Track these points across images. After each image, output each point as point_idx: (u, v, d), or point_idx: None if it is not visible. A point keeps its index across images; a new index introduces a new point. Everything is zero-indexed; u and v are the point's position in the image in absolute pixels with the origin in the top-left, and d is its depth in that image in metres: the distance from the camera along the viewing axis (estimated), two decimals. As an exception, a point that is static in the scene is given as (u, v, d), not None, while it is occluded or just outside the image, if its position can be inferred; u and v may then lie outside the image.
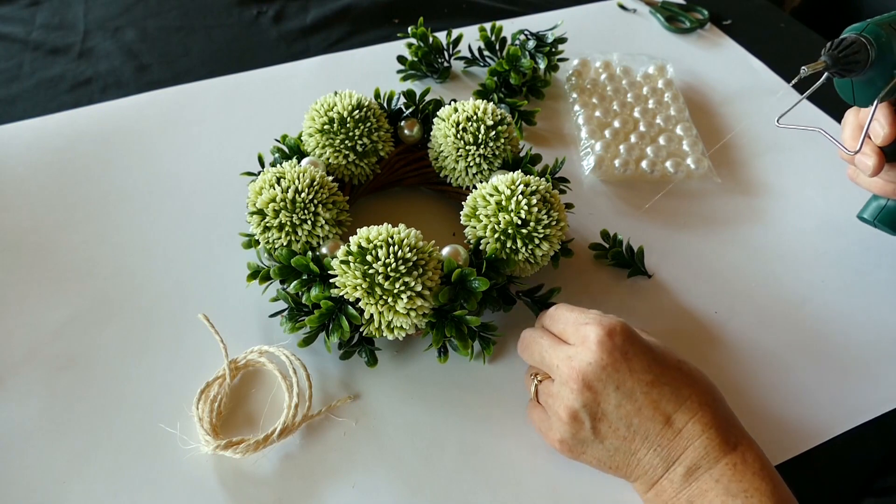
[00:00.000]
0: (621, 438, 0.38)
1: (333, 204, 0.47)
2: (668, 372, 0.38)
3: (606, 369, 0.38)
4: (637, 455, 0.38)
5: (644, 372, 0.38)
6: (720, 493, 0.36)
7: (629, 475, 0.39)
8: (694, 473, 0.37)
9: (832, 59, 0.40)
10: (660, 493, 0.38)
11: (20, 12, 0.79)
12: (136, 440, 0.43)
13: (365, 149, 0.53)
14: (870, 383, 0.49)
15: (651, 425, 0.37)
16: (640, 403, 0.37)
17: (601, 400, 0.38)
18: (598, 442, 0.39)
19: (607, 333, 0.38)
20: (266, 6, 0.83)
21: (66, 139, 0.63)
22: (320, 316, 0.43)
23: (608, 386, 0.38)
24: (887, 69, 0.41)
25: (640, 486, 0.40)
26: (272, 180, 0.46)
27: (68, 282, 0.51)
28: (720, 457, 0.37)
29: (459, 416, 0.45)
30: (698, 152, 0.64)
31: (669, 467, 0.37)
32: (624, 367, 0.38)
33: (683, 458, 0.37)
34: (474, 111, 0.53)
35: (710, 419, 0.37)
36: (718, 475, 0.36)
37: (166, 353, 0.47)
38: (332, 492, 0.41)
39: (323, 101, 0.53)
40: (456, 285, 0.44)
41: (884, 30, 0.40)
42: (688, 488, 0.37)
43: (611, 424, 0.38)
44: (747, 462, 0.37)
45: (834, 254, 0.57)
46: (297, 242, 0.46)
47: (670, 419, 0.37)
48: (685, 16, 0.84)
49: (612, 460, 0.39)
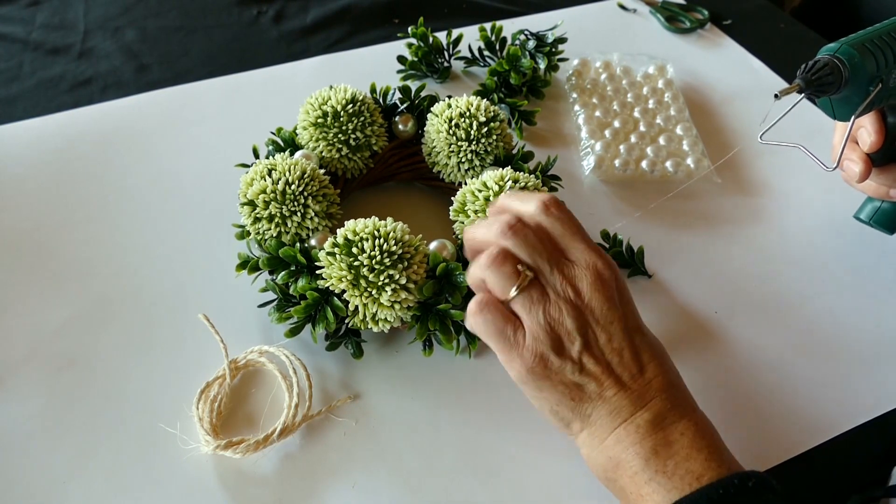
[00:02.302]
0: (599, 373, 0.36)
1: (324, 196, 0.48)
2: (642, 324, 0.39)
3: (609, 303, 0.37)
4: (606, 393, 0.37)
5: (632, 318, 0.38)
6: (685, 446, 0.36)
7: (585, 416, 0.37)
8: (661, 423, 0.36)
9: (805, 82, 0.41)
10: (622, 437, 0.36)
11: (20, 12, 0.79)
12: (136, 440, 0.43)
13: (358, 143, 0.53)
14: (870, 383, 0.49)
15: (629, 367, 0.37)
16: (625, 345, 0.37)
17: (595, 331, 0.36)
18: (576, 369, 0.36)
19: (611, 268, 0.38)
20: (266, 6, 0.83)
21: (66, 139, 0.63)
22: (306, 307, 0.43)
23: (604, 319, 0.36)
24: (862, 87, 0.42)
25: (595, 431, 0.37)
26: (263, 172, 0.47)
27: (68, 282, 0.51)
28: (684, 414, 0.37)
29: (460, 415, 0.45)
30: (698, 152, 0.64)
31: (636, 412, 0.36)
32: (619, 308, 0.37)
33: (651, 406, 0.36)
34: (467, 107, 0.53)
35: (673, 379, 0.38)
36: (683, 429, 0.36)
37: (166, 353, 0.47)
38: (332, 492, 0.41)
39: (318, 95, 0.53)
40: (441, 279, 0.44)
41: (857, 49, 0.41)
42: (653, 436, 0.36)
43: (596, 357, 0.36)
44: (706, 424, 0.37)
45: (834, 254, 0.57)
46: (286, 234, 0.47)
47: (644, 367, 0.37)
48: (685, 16, 0.84)
49: (579, 392, 0.37)
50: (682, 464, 0.35)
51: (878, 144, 0.47)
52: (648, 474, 0.35)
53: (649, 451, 0.36)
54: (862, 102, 0.42)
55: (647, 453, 0.36)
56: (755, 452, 0.44)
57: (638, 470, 0.36)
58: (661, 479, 0.35)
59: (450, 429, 0.44)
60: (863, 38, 0.42)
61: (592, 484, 0.42)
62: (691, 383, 0.40)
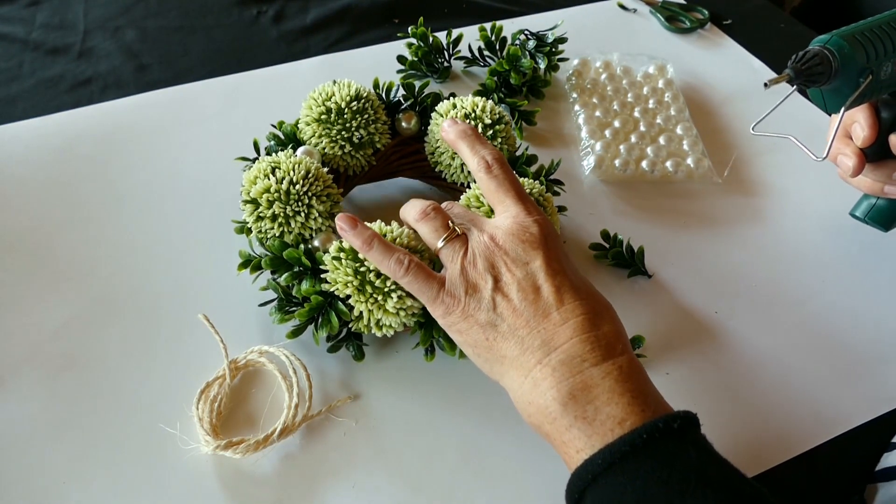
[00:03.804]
0: (511, 310, 0.37)
1: (328, 196, 0.48)
2: (572, 271, 0.39)
3: (525, 244, 0.39)
4: (518, 332, 0.37)
5: (555, 261, 0.38)
6: (606, 390, 0.34)
7: (502, 357, 0.38)
8: (579, 366, 0.35)
9: (795, 72, 0.42)
10: (537, 381, 0.36)
11: (20, 12, 0.79)
12: (136, 440, 0.43)
13: (361, 140, 0.53)
14: (870, 383, 0.49)
15: (543, 305, 0.37)
16: (541, 283, 0.38)
17: (508, 270, 0.38)
18: (489, 307, 0.38)
19: (534, 219, 0.40)
20: (266, 6, 0.83)
21: (66, 139, 0.63)
22: (310, 310, 0.43)
23: (519, 260, 0.38)
24: (852, 78, 0.42)
25: (513, 375, 0.37)
26: (267, 170, 0.46)
27: (68, 282, 0.51)
28: (607, 357, 0.35)
29: (460, 415, 0.45)
30: (698, 152, 0.64)
31: (549, 353, 0.36)
32: (540, 248, 0.38)
33: (567, 347, 0.36)
34: (473, 108, 0.53)
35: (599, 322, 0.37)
36: (605, 372, 0.35)
37: (166, 353, 0.47)
38: (332, 492, 0.41)
39: (321, 90, 0.53)
40: None
41: (847, 41, 0.41)
42: (569, 380, 0.35)
43: (507, 294, 0.38)
44: (633, 366, 0.36)
45: (833, 253, 0.57)
46: (289, 234, 0.46)
47: (562, 305, 0.37)
48: (685, 16, 0.84)
49: (493, 331, 0.38)
50: (603, 408, 0.34)
51: (870, 139, 0.48)
52: (568, 420, 0.34)
53: (566, 395, 0.34)
54: (852, 94, 0.42)
55: (565, 397, 0.34)
56: (755, 452, 0.44)
57: (557, 415, 0.35)
58: (581, 425, 0.34)
59: (450, 429, 0.44)
60: (854, 29, 0.43)
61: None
62: (691, 383, 0.40)
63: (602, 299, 0.39)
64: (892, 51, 0.43)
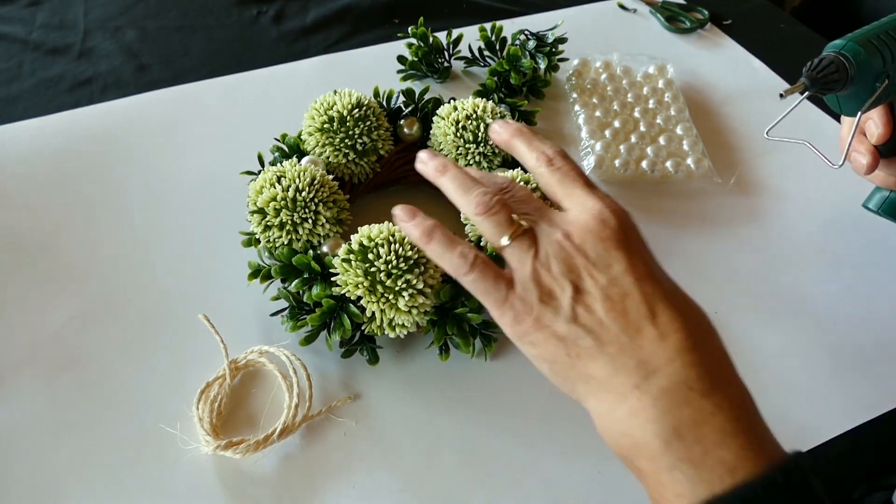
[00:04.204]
0: (597, 322, 0.32)
1: (334, 202, 0.48)
2: (662, 274, 0.34)
3: (604, 243, 0.33)
4: (607, 349, 0.32)
5: (643, 263, 0.33)
6: (716, 429, 0.29)
7: (589, 377, 0.32)
8: (685, 396, 0.30)
9: (810, 80, 0.41)
10: (636, 411, 0.30)
11: (20, 12, 0.79)
12: (136, 440, 0.43)
13: (365, 147, 0.53)
14: (870, 383, 0.49)
15: (634, 317, 0.32)
16: (628, 289, 0.32)
17: (590, 275, 0.32)
18: (570, 318, 0.32)
19: (614, 212, 0.34)
20: (266, 6, 0.83)
21: (66, 139, 0.63)
22: (322, 314, 0.43)
23: (600, 263, 0.33)
24: (868, 84, 0.42)
25: (604, 399, 0.32)
26: (273, 179, 0.46)
27: (68, 282, 0.51)
28: (714, 385, 0.31)
29: (460, 415, 0.45)
30: (698, 152, 0.64)
31: (648, 377, 0.31)
32: (623, 249, 0.33)
33: (670, 373, 0.30)
34: (474, 109, 0.53)
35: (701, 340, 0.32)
36: (714, 406, 0.30)
37: (166, 354, 0.47)
38: (332, 492, 0.41)
39: (323, 100, 0.53)
40: (457, 283, 0.44)
41: (863, 46, 0.41)
42: (674, 412, 0.30)
43: (589, 304, 0.32)
44: (745, 399, 0.32)
45: (834, 254, 0.57)
46: (297, 241, 0.46)
47: (656, 318, 0.31)
48: (685, 16, 0.84)
49: (576, 348, 0.32)
50: (713, 451, 0.29)
51: (885, 136, 0.48)
52: (670, 460, 0.29)
53: (670, 431, 0.30)
54: (869, 98, 0.42)
55: (668, 434, 0.30)
56: (755, 452, 0.44)
57: (657, 454, 0.30)
58: (686, 469, 0.29)
59: (450, 429, 0.44)
60: (868, 34, 0.42)
61: (592, 484, 0.42)
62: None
63: (696, 306, 0.34)
64: None
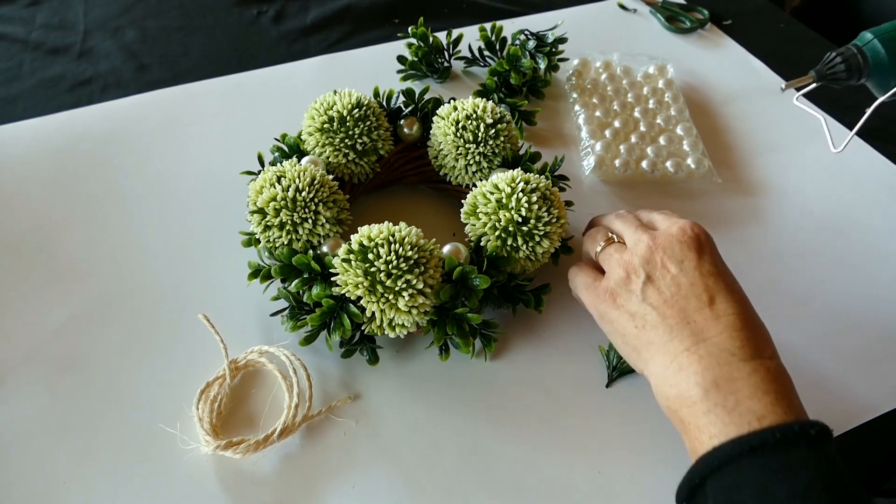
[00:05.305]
0: (662, 301, 0.39)
1: (334, 202, 0.48)
2: (729, 276, 0.41)
3: (681, 244, 0.41)
4: (668, 322, 0.39)
5: (710, 264, 0.40)
6: (750, 385, 0.35)
7: (650, 344, 0.40)
8: (727, 359, 0.36)
9: (819, 74, 0.42)
10: (683, 367, 0.37)
11: (20, 12, 0.79)
12: (136, 440, 0.43)
13: (364, 147, 0.53)
14: (870, 383, 0.49)
15: (694, 300, 0.39)
16: (694, 281, 0.39)
17: (663, 266, 0.40)
18: (640, 298, 0.40)
19: (695, 225, 0.42)
20: (266, 6, 0.83)
21: (66, 139, 0.63)
22: (322, 314, 0.43)
23: (674, 258, 0.40)
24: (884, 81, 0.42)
25: (659, 362, 0.39)
26: (272, 179, 0.46)
27: (68, 282, 0.51)
28: (755, 356, 0.36)
29: (460, 415, 0.45)
30: (699, 152, 0.64)
31: (699, 342, 0.37)
32: (695, 250, 0.40)
33: (717, 341, 0.37)
34: (473, 109, 0.53)
35: (751, 323, 0.38)
36: (752, 369, 0.36)
37: (166, 353, 0.47)
38: (332, 492, 0.41)
39: (322, 100, 0.53)
40: (457, 283, 0.44)
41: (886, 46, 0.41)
42: (715, 369, 0.36)
43: (658, 288, 0.40)
44: (781, 371, 0.37)
45: (834, 254, 0.57)
46: (297, 241, 0.46)
47: (714, 302, 0.38)
48: (685, 16, 0.84)
49: (642, 320, 0.40)
50: (745, 401, 0.34)
51: None
52: (707, 405, 0.35)
53: (710, 382, 0.36)
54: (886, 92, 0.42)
55: (708, 384, 0.36)
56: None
57: (697, 400, 0.36)
58: (720, 413, 0.35)
59: (450, 429, 0.44)
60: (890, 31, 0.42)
61: (592, 484, 0.42)
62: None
63: (751, 305, 0.40)
64: None
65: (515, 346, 0.49)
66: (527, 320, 0.50)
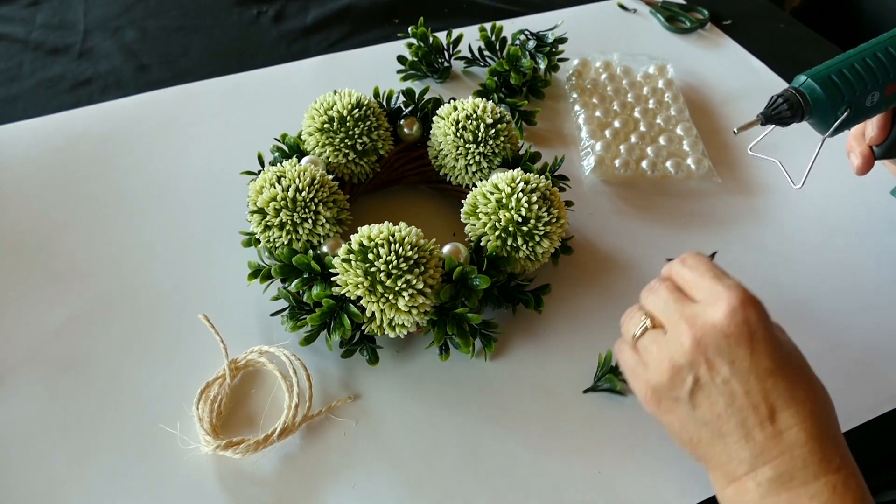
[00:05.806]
0: (715, 415, 0.35)
1: (334, 202, 0.48)
2: (788, 367, 0.35)
3: (728, 339, 0.34)
4: (726, 440, 0.35)
5: (765, 358, 0.34)
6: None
7: (708, 459, 0.36)
8: (787, 483, 0.34)
9: (765, 116, 0.43)
10: (741, 492, 0.35)
11: (20, 12, 0.79)
12: (136, 440, 0.43)
13: (364, 147, 0.53)
14: (870, 383, 0.49)
15: (752, 414, 0.34)
16: (750, 387, 0.34)
17: (710, 368, 0.35)
18: (690, 408, 0.36)
19: (742, 303, 0.35)
20: (266, 6, 0.83)
21: (66, 139, 0.63)
22: (322, 314, 0.43)
23: (723, 358, 0.35)
24: (825, 117, 0.44)
25: (718, 476, 0.36)
26: (273, 179, 0.46)
27: (68, 282, 0.51)
28: (819, 474, 0.33)
29: (460, 415, 0.45)
30: (699, 152, 0.64)
31: (757, 467, 0.34)
32: (746, 344, 0.34)
33: (777, 463, 0.34)
34: (473, 109, 0.53)
35: (817, 432, 0.34)
36: (814, 493, 0.33)
37: (166, 353, 0.47)
38: (332, 492, 0.41)
39: (322, 100, 0.53)
40: (457, 283, 0.44)
41: (821, 84, 0.43)
42: (776, 497, 0.34)
43: (709, 396, 0.35)
44: (848, 487, 0.33)
45: (834, 254, 0.57)
46: (297, 241, 0.46)
47: (775, 415, 0.34)
48: (685, 16, 0.84)
49: (696, 433, 0.36)
50: None
51: (879, 139, 0.50)
52: None
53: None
54: (830, 127, 0.43)
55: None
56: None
57: None
58: None
59: (450, 429, 0.44)
60: (831, 68, 0.44)
61: (592, 484, 0.42)
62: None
63: (819, 390, 0.36)
64: (877, 83, 0.44)
65: (515, 346, 0.49)
66: (527, 320, 0.50)
